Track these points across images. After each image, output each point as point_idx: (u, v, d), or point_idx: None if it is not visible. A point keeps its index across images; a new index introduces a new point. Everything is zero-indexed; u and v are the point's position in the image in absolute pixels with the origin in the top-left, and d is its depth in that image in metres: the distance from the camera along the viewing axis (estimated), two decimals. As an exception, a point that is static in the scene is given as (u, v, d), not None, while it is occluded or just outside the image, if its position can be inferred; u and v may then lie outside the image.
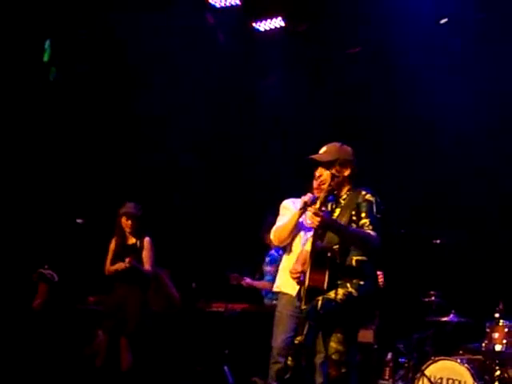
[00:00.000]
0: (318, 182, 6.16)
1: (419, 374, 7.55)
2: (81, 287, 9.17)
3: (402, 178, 9.64)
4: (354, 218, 5.72)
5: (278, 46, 10.35)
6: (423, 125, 9.65)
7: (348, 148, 5.99)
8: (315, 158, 5.96)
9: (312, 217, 5.60)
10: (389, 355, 8.26)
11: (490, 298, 7.80)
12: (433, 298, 8.02)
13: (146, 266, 8.10)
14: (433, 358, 7.61)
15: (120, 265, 8.08)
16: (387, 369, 8.23)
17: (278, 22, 10.17)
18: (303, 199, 6.50)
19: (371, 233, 5.61)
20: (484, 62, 9.27)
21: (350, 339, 5.70)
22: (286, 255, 6.78)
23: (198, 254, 10.57)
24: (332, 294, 5.58)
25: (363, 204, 5.72)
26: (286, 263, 6.66)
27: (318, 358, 6.02)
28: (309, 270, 5.68)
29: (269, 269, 8.74)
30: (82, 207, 9.41)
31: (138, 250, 8.14)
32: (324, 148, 5.99)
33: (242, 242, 6.75)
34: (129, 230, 8.21)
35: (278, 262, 7.33)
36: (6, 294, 8.99)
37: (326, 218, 5.59)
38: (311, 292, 5.65)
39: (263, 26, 10.28)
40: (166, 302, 9.32)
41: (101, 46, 10.42)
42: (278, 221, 6.79)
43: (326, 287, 5.62)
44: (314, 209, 5.65)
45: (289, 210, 6.75)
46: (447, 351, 7.76)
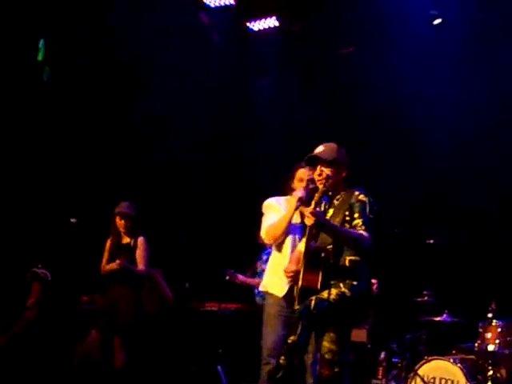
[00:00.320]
0: (319, 180, 5.97)
1: (412, 374, 7.56)
2: (74, 286, 9.16)
3: (394, 178, 9.66)
4: (347, 218, 5.73)
5: (272, 45, 10.37)
6: (419, 124, 9.65)
7: (343, 149, 6.01)
8: (318, 155, 5.92)
9: (307, 217, 5.61)
10: (382, 355, 8.27)
11: (483, 297, 7.82)
12: (426, 297, 8.03)
13: (140, 265, 8.09)
14: (426, 357, 7.62)
15: (112, 265, 8.09)
16: (380, 368, 8.24)
17: (271, 22, 10.19)
18: (297, 195, 6.47)
19: (363, 233, 5.62)
20: (482, 62, 9.29)
21: (343, 339, 5.71)
22: (274, 255, 6.71)
23: (191, 253, 10.57)
24: (325, 294, 5.59)
25: (356, 204, 5.73)
26: (275, 263, 6.64)
27: (308, 358, 6.03)
28: (302, 270, 5.69)
29: (265, 267, 8.73)
30: (75, 206, 9.39)
31: (131, 250, 8.13)
32: (322, 147, 5.97)
33: (234, 241, 6.74)
34: (123, 229, 8.21)
35: None
36: (-1, 293, 9.00)
37: (320, 218, 5.60)
38: (305, 292, 5.66)
39: (257, 25, 10.29)
40: (160, 301, 9.32)
41: (96, 46, 10.40)
42: (266, 220, 6.70)
43: (319, 287, 5.63)
44: (308, 209, 5.66)
45: (275, 208, 6.67)
46: (440, 351, 7.77)
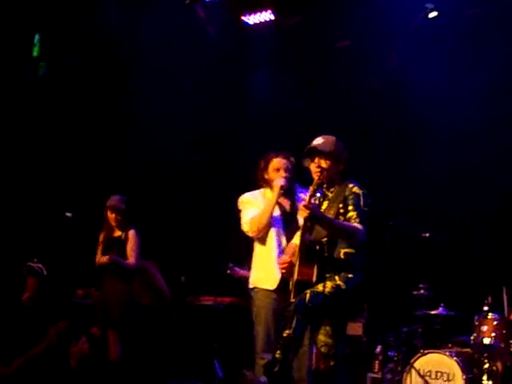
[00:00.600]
0: (316, 172, 5.90)
1: (408, 367, 7.54)
2: (69, 280, 9.16)
3: (390, 171, 9.66)
4: (342, 210, 5.72)
5: (268, 39, 10.34)
6: (417, 118, 9.66)
7: (341, 143, 5.99)
8: (316, 146, 5.89)
9: (301, 209, 5.60)
10: (378, 348, 8.27)
11: (479, 291, 7.81)
12: (422, 291, 8.02)
13: (130, 258, 8.11)
14: (422, 351, 7.60)
15: (102, 259, 8.12)
16: (376, 362, 8.24)
17: (267, 16, 10.16)
18: (279, 183, 6.44)
19: (358, 226, 5.62)
20: (480, 56, 9.28)
21: (339, 332, 5.72)
22: (258, 249, 6.65)
23: (187, 247, 10.57)
24: (320, 287, 5.59)
25: (350, 197, 5.73)
26: (260, 257, 6.60)
27: (303, 351, 5.99)
28: (297, 263, 5.69)
29: None
30: (70, 200, 9.39)
31: (122, 243, 8.15)
32: (320, 138, 5.94)
33: (230, 234, 6.73)
34: (113, 223, 8.23)
35: None
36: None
37: (314, 211, 5.60)
38: (300, 285, 5.66)
39: (252, 19, 10.26)
40: (155, 295, 9.31)
41: (91, 42, 10.39)
42: (245, 214, 6.62)
43: (314, 280, 5.63)
44: (303, 201, 5.65)
45: (252, 202, 6.63)
46: (436, 344, 7.77)
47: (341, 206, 5.73)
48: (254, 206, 6.60)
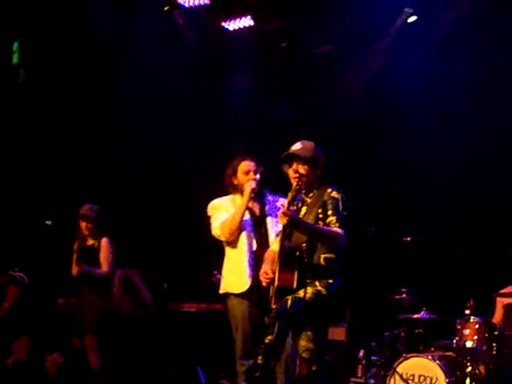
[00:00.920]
0: (294, 177, 5.83)
1: (391, 372, 7.54)
2: (50, 289, 9.12)
3: (370, 176, 9.66)
4: (321, 215, 5.70)
5: (248, 45, 10.34)
6: (397, 122, 9.68)
7: (319, 148, 5.98)
8: (295, 152, 5.86)
9: (280, 216, 5.59)
10: (361, 353, 8.27)
11: (460, 294, 7.83)
12: (404, 295, 8.04)
13: (103, 266, 8.06)
14: (404, 355, 7.62)
15: (73, 271, 8.11)
16: (359, 366, 8.25)
17: (247, 22, 10.16)
18: (250, 186, 6.44)
19: (338, 230, 5.60)
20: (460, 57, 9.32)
21: (320, 337, 5.69)
22: (229, 253, 6.63)
23: (169, 254, 10.54)
24: (301, 293, 5.57)
25: (329, 201, 5.70)
26: (231, 261, 6.58)
27: (284, 356, 6.00)
28: (277, 269, 5.66)
29: None
30: (50, 209, 9.34)
31: (95, 251, 8.11)
32: (299, 144, 5.92)
33: (213, 241, 6.72)
34: (85, 231, 8.17)
35: None
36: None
37: (294, 217, 5.58)
38: (280, 291, 5.63)
39: (232, 25, 10.26)
40: (137, 303, 9.29)
41: (71, 47, 10.36)
42: (216, 219, 6.63)
43: (295, 286, 5.62)
44: (282, 208, 5.63)
45: (222, 207, 6.63)
46: (419, 348, 7.78)
47: (320, 211, 5.71)
48: (224, 211, 6.60)
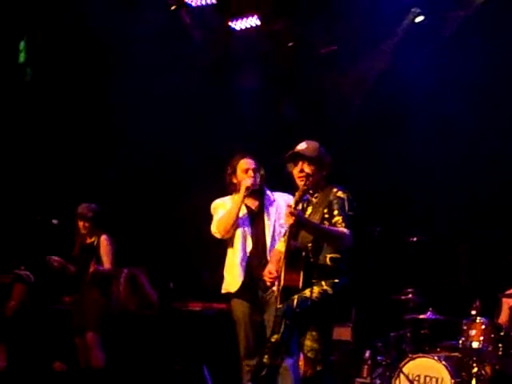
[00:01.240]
0: (299, 177, 5.83)
1: (397, 372, 7.55)
2: (56, 287, 9.14)
3: (375, 176, 9.65)
4: (327, 215, 5.69)
5: (254, 44, 10.34)
6: (402, 123, 9.66)
7: (323, 148, 5.95)
8: (301, 152, 5.86)
9: (287, 216, 5.57)
10: (367, 353, 8.25)
11: (467, 295, 7.82)
12: (410, 295, 8.03)
13: (106, 264, 8.07)
14: (410, 355, 7.62)
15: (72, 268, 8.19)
16: (365, 367, 8.23)
17: (253, 21, 10.16)
18: (245, 184, 6.43)
19: (345, 230, 5.58)
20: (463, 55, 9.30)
21: (325, 336, 5.69)
22: (228, 252, 6.63)
23: (174, 253, 10.54)
24: (307, 293, 5.56)
25: (335, 201, 5.69)
26: (228, 260, 6.59)
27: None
28: (283, 269, 5.67)
29: None
30: (56, 207, 9.35)
31: (94, 249, 8.12)
32: (304, 144, 5.90)
33: (216, 240, 6.72)
34: (83, 230, 8.20)
35: None
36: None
37: (300, 217, 5.57)
38: (286, 291, 5.64)
39: (239, 24, 10.27)
40: (143, 302, 9.30)
41: (74, 46, 10.37)
42: (215, 218, 6.65)
43: (301, 286, 5.62)
44: (289, 208, 5.62)
45: (222, 206, 6.62)
46: (425, 349, 7.77)
47: (325, 211, 5.70)
48: (224, 209, 6.60)
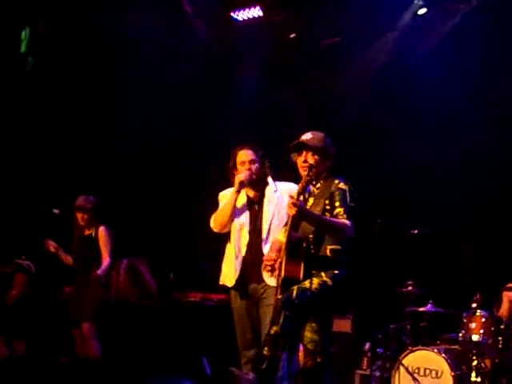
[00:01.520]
0: (303, 166, 5.82)
1: (397, 364, 7.55)
2: (57, 277, 9.15)
3: (378, 167, 9.63)
4: (328, 207, 5.68)
5: (256, 35, 10.32)
6: (403, 114, 9.64)
7: (329, 139, 5.95)
8: (305, 142, 5.85)
9: (289, 207, 5.56)
10: (367, 345, 8.26)
11: (467, 288, 7.82)
12: (410, 288, 8.02)
13: (104, 255, 8.12)
14: (410, 347, 7.63)
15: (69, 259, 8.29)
16: (365, 359, 8.23)
17: (255, 12, 10.15)
18: (239, 178, 6.39)
19: (346, 222, 5.58)
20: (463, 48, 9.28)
21: (325, 328, 5.69)
22: (227, 245, 6.60)
23: (174, 244, 10.55)
24: (307, 284, 5.57)
25: (337, 193, 5.68)
26: (226, 254, 6.57)
27: None
28: (284, 260, 5.67)
29: None
30: (58, 197, 9.35)
31: (93, 240, 8.18)
32: (309, 134, 5.89)
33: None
34: (82, 222, 8.24)
35: None
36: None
37: (302, 209, 5.56)
38: (286, 282, 5.64)
39: (241, 15, 10.25)
40: (143, 293, 9.30)
41: (79, 37, 10.36)
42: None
43: (301, 277, 5.62)
44: (291, 199, 5.60)
45: (225, 198, 6.58)
46: (425, 341, 7.77)
47: (327, 202, 5.69)
48: (226, 200, 6.57)
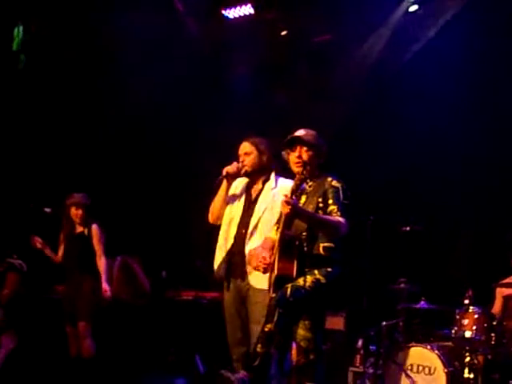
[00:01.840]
0: (297, 162, 5.84)
1: (390, 361, 7.56)
2: (48, 277, 9.14)
3: (370, 164, 9.64)
4: (321, 205, 5.69)
5: (248, 33, 10.32)
6: (395, 112, 9.65)
7: (321, 137, 5.95)
8: (300, 137, 5.85)
9: (283, 205, 5.54)
10: (359, 342, 8.26)
11: (460, 284, 7.83)
12: (403, 285, 8.03)
13: (99, 253, 8.16)
14: (403, 344, 7.63)
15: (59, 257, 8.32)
16: (358, 356, 8.23)
17: (247, 10, 10.15)
18: (226, 169, 6.41)
19: (340, 219, 5.58)
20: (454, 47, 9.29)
21: (318, 326, 5.70)
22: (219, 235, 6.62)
23: (168, 241, 10.54)
24: (301, 282, 5.58)
25: (330, 190, 5.69)
26: (218, 241, 6.55)
27: None
28: (277, 258, 5.67)
29: None
30: (49, 196, 9.33)
31: (86, 238, 8.21)
32: (302, 130, 5.90)
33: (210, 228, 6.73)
34: (78, 219, 8.25)
35: None
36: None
37: (296, 207, 5.55)
38: (280, 280, 5.64)
39: (233, 13, 10.25)
40: (137, 291, 9.30)
41: (72, 33, 10.34)
42: None
43: (295, 275, 5.62)
44: (285, 197, 5.59)
45: (232, 189, 6.58)
46: (417, 338, 7.77)
47: (320, 200, 5.70)
48: (233, 191, 6.58)
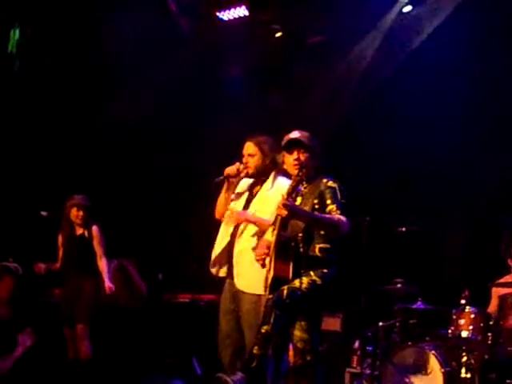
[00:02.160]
0: (295, 165, 5.82)
1: (387, 362, 7.57)
2: (45, 280, 9.12)
3: (365, 165, 9.65)
4: (317, 206, 5.68)
5: (242, 34, 10.32)
6: (391, 111, 9.66)
7: (315, 139, 5.96)
8: (299, 139, 5.84)
9: (280, 208, 5.52)
10: (356, 343, 8.27)
11: (456, 285, 7.83)
12: (399, 285, 8.04)
13: (100, 254, 8.17)
14: (400, 345, 7.64)
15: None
16: (355, 357, 8.24)
17: (241, 12, 10.15)
18: (226, 171, 6.43)
19: (341, 217, 5.57)
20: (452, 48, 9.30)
21: (314, 327, 5.70)
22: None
23: (164, 244, 10.54)
24: (297, 283, 5.58)
25: (327, 191, 5.69)
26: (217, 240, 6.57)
27: None
28: (273, 260, 5.66)
29: None
30: (45, 199, 9.33)
31: (86, 240, 8.22)
32: (297, 132, 5.89)
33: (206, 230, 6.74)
34: (79, 221, 8.26)
35: None
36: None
37: (294, 208, 5.54)
38: (276, 282, 5.64)
39: (227, 15, 10.25)
40: (133, 294, 9.30)
41: (67, 38, 10.33)
42: None
43: (291, 277, 5.62)
44: (282, 199, 5.58)
45: (238, 188, 6.61)
46: (414, 338, 7.78)
47: (316, 201, 5.69)
48: (238, 190, 6.59)
